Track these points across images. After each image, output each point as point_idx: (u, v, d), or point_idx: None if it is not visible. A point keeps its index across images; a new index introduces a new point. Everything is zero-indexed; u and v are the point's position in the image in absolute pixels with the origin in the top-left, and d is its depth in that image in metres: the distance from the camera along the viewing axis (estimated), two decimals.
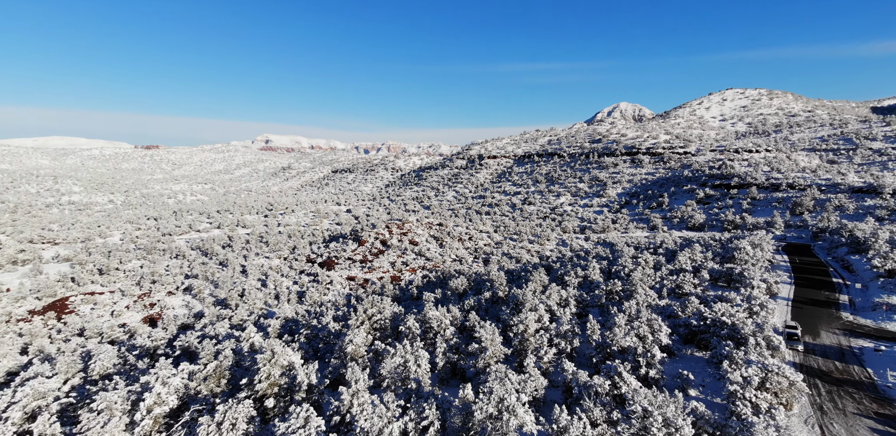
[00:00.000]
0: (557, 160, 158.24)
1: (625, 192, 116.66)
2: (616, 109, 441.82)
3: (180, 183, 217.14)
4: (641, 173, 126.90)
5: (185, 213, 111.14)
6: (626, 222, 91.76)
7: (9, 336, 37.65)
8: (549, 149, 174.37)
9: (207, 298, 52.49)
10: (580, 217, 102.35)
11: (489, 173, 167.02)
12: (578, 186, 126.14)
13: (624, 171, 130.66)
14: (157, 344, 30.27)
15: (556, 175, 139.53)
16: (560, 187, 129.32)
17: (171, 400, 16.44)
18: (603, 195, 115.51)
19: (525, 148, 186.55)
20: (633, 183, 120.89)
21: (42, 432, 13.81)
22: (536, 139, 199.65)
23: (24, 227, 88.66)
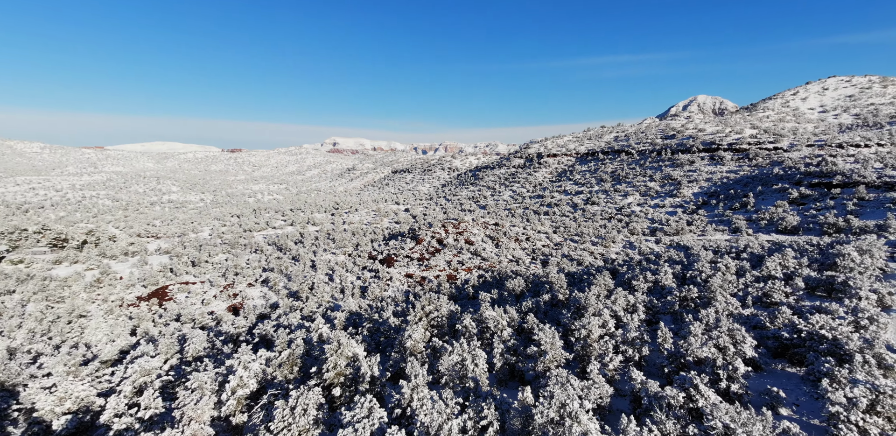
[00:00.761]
0: (625, 158, 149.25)
1: (702, 191, 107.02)
2: (693, 102, 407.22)
3: (259, 183, 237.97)
4: (722, 171, 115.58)
5: (263, 211, 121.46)
6: (703, 224, 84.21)
7: (121, 319, 43.81)
8: (615, 146, 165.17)
9: (282, 290, 56.84)
10: (650, 218, 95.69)
11: (548, 172, 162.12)
12: (648, 185, 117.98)
13: (701, 168, 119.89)
14: (239, 331, 33.43)
15: (624, 173, 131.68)
16: (627, 186, 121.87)
17: (251, 383, 17.85)
18: (676, 195, 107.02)
19: (588, 145, 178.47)
20: (711, 182, 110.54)
21: (147, 405, 15.77)
22: (601, 136, 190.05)
23: (133, 222, 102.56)
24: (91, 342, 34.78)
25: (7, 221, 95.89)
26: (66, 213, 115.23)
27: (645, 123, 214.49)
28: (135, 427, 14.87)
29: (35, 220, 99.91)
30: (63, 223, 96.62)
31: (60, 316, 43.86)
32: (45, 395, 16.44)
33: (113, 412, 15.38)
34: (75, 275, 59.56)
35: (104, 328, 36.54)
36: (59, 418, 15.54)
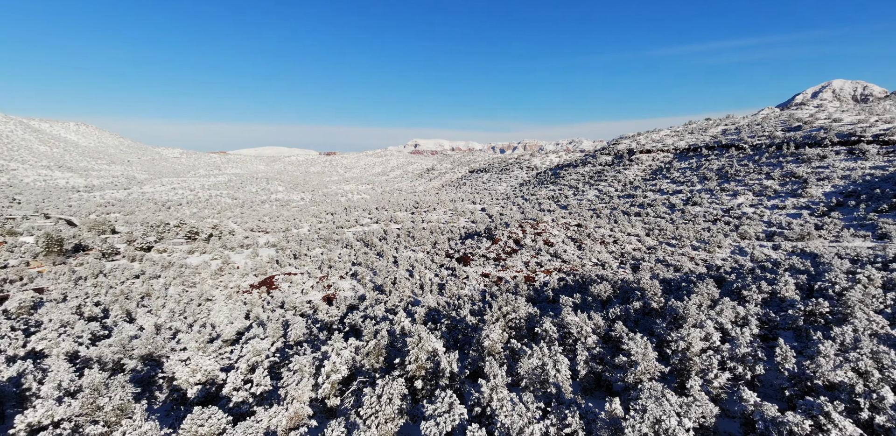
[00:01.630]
0: (735, 153, 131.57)
1: (836, 190, 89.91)
2: (826, 88, 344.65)
3: (350, 183, 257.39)
4: (864, 167, 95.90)
5: (352, 209, 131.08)
6: (836, 229, 70.90)
7: (238, 304, 50.56)
8: (723, 140, 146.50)
9: (368, 284, 60.70)
10: (766, 221, 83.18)
11: (641, 170, 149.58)
12: (765, 184, 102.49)
13: (835, 164, 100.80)
14: (332, 320, 36.49)
15: (733, 170, 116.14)
16: (738, 185, 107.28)
17: (343, 369, 19.24)
18: (801, 194, 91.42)
19: (690, 140, 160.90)
20: (849, 179, 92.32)
21: (259, 382, 17.92)
22: (705, 129, 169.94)
23: (247, 218, 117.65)
24: (215, 323, 40.68)
25: (155, 215, 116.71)
26: (196, 209, 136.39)
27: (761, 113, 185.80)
28: (249, 401, 16.99)
29: (175, 215, 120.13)
30: (195, 218, 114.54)
31: (193, 299, 52.00)
32: (181, 366, 19.57)
33: (232, 386, 17.75)
34: (203, 263, 70.15)
35: (225, 311, 42.52)
36: (192, 387, 18.39)
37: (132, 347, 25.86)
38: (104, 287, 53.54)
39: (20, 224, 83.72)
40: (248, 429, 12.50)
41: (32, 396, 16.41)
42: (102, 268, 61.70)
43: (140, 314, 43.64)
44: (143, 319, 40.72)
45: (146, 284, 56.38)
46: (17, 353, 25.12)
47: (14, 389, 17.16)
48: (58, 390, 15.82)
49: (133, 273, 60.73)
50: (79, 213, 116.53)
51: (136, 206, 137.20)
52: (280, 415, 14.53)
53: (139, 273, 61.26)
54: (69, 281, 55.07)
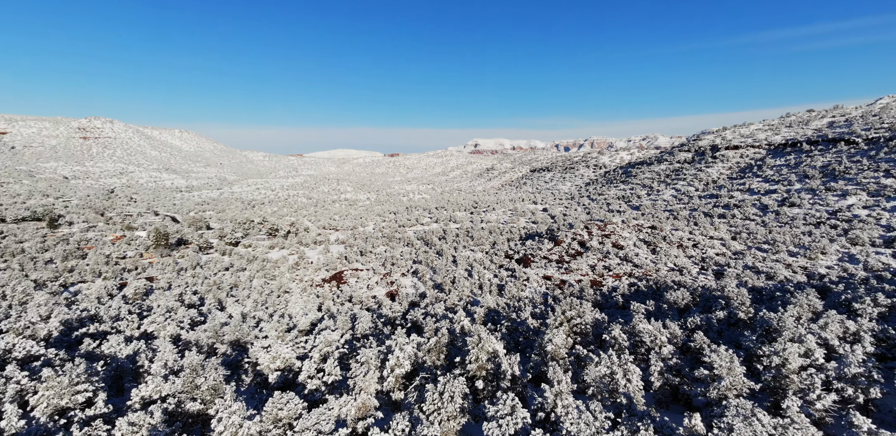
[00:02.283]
0: (844, 148, 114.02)
1: None
2: None
3: (411, 184, 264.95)
4: None
5: (413, 209, 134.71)
6: None
7: (311, 296, 54.35)
8: (828, 133, 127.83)
9: (428, 282, 61.95)
10: (884, 224, 71.21)
11: (726, 167, 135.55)
12: (882, 183, 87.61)
13: None
14: (395, 315, 37.80)
15: (842, 168, 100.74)
16: (848, 184, 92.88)
17: (406, 364, 19.76)
18: None
19: (787, 134, 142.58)
20: None
21: (330, 371, 19.04)
22: (807, 122, 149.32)
23: (320, 217, 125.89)
24: (292, 314, 44.08)
25: (242, 213, 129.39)
26: (277, 208, 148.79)
27: (879, 103, 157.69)
28: (322, 389, 18.14)
29: (258, 213, 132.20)
30: (275, 216, 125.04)
31: (273, 291, 56.82)
32: (263, 353, 21.43)
33: (307, 374, 19.07)
34: (282, 258, 76.34)
35: (300, 303, 45.95)
36: (272, 373, 20.08)
37: (223, 333, 28.87)
38: (200, 278, 60.49)
39: (136, 220, 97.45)
40: (322, 416, 13.32)
41: (145, 372, 19.05)
42: (199, 260, 69.72)
43: (229, 303, 48.58)
44: (231, 308, 45.29)
45: (234, 276, 62.69)
46: (133, 334, 29.26)
47: (130, 365, 20.03)
48: (164, 368, 18.18)
49: (223, 266, 67.86)
50: (181, 210, 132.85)
51: (226, 204, 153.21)
52: (349, 405, 15.31)
53: (228, 266, 68.29)
54: (173, 271, 63.00)
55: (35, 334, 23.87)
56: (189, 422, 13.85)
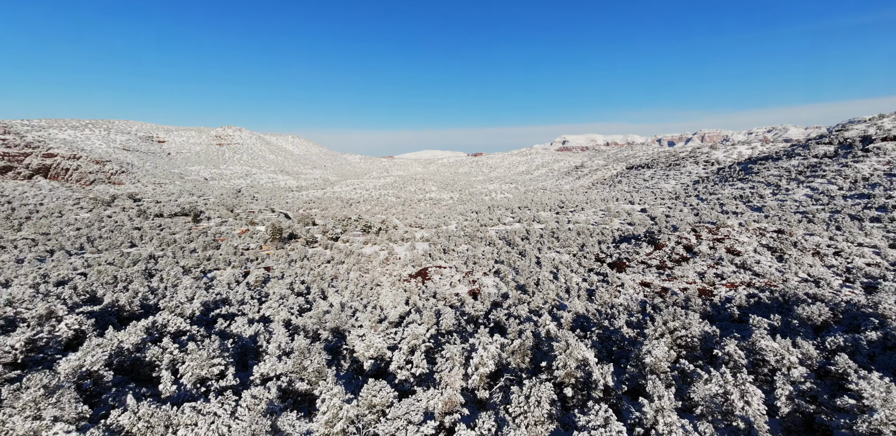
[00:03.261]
0: None
1: None
2: None
3: (493, 183, 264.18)
4: None
5: (495, 208, 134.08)
6: None
7: (399, 291, 57.34)
8: None
9: (510, 282, 61.10)
10: None
11: (882, 162, 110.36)
12: None
13: None
14: (477, 314, 38.04)
15: None
16: None
17: (489, 364, 19.70)
18: None
19: None
20: None
21: (417, 364, 19.81)
22: None
23: (407, 215, 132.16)
24: (383, 306, 46.98)
25: (341, 211, 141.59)
26: (370, 206, 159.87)
27: None
28: (410, 381, 18.97)
29: (354, 211, 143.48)
30: (368, 214, 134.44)
31: (366, 283, 61.15)
32: (359, 341, 23.09)
33: (397, 365, 20.09)
34: (374, 253, 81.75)
35: (390, 296, 48.77)
36: (367, 361, 21.56)
37: (325, 320, 31.83)
38: (307, 269, 67.60)
39: (257, 216, 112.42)
40: (411, 406, 13.91)
41: (263, 352, 21.85)
42: (306, 253, 77.93)
43: (330, 293, 53.47)
44: (332, 298, 49.79)
45: (335, 268, 68.86)
46: (254, 316, 33.76)
47: (252, 344, 23.14)
48: (278, 349, 20.65)
49: (325, 258, 74.93)
50: (292, 207, 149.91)
51: (328, 203, 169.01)
52: (436, 398, 15.75)
53: (330, 259, 75.23)
54: (285, 262, 71.37)
55: (183, 312, 28.90)
56: (298, 400, 15.51)
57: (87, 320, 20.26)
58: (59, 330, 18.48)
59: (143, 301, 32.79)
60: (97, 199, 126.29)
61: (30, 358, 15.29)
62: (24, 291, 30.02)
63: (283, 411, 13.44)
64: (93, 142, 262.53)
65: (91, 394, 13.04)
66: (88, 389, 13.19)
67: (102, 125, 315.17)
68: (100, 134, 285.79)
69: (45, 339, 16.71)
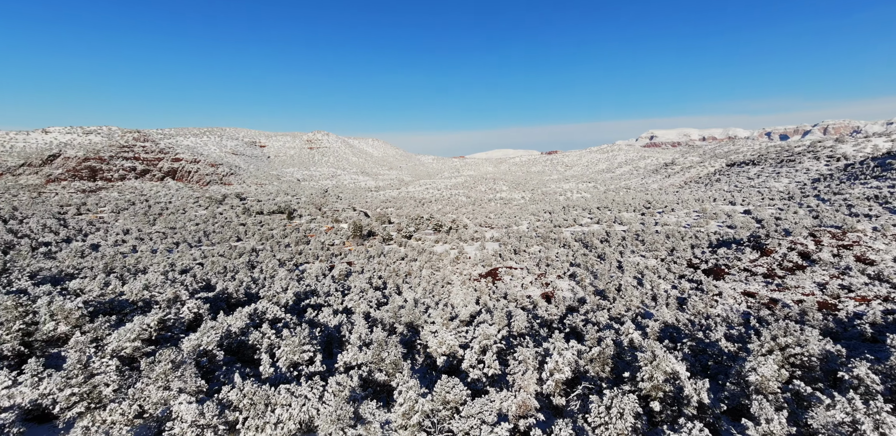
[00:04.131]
0: None
1: None
2: None
3: (569, 182, 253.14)
4: None
5: (571, 208, 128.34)
6: None
7: (470, 290, 57.65)
8: None
9: (588, 287, 58.02)
10: None
11: None
12: None
13: None
14: (551, 318, 36.73)
15: None
16: None
17: (566, 370, 18.89)
18: None
19: None
20: None
21: (489, 364, 19.68)
22: None
23: (477, 214, 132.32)
24: (454, 304, 47.60)
25: (414, 210, 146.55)
26: (441, 206, 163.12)
27: None
28: (483, 380, 18.93)
29: (426, 210, 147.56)
30: (439, 214, 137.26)
31: (438, 281, 62.47)
32: (431, 337, 23.62)
33: (469, 363, 20.18)
34: (445, 252, 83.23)
35: (461, 295, 49.27)
36: (439, 357, 21.97)
37: (400, 314, 33.14)
38: (384, 265, 71.08)
39: (340, 214, 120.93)
40: (484, 406, 13.85)
41: (346, 342, 23.38)
42: (383, 250, 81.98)
43: (404, 289, 55.57)
44: (406, 293, 51.71)
45: (408, 265, 71.47)
46: (338, 308, 36.31)
47: (337, 334, 24.91)
48: (359, 340, 21.93)
49: (400, 256, 78.07)
50: (370, 207, 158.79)
51: (403, 202, 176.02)
52: (510, 400, 15.50)
53: (404, 256, 78.24)
54: (365, 258, 75.78)
55: (279, 301, 32.10)
56: (377, 390, 16.31)
57: (204, 305, 23.45)
58: (183, 313, 21.61)
59: (246, 290, 37.08)
60: (211, 197, 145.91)
61: (161, 336, 18.11)
62: (157, 278, 35.68)
63: (364, 399, 14.21)
64: (209, 147, 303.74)
65: (206, 370, 15.03)
66: (205, 366, 15.22)
67: (217, 132, 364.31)
68: (214, 140, 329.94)
69: (172, 320, 19.67)
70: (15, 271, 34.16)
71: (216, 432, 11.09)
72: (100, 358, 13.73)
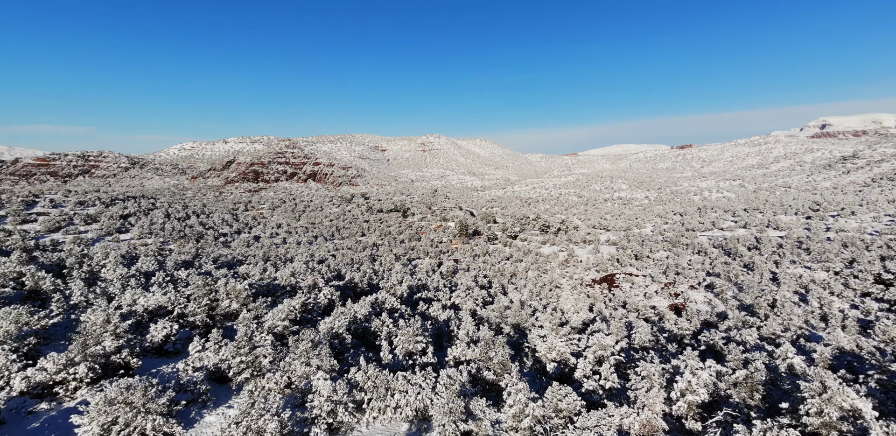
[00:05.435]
0: None
1: None
2: None
3: (707, 180, 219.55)
4: None
5: (709, 210, 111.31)
6: None
7: (581, 296, 54.22)
8: None
9: (730, 300, 49.68)
10: None
11: None
12: None
13: None
14: (682, 333, 32.32)
15: None
16: None
17: (701, 392, 16.52)
18: None
19: None
20: None
21: (606, 376, 18.18)
22: None
23: (590, 216, 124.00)
24: (563, 309, 45.37)
25: (520, 210, 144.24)
26: (549, 206, 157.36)
27: None
28: (599, 393, 17.58)
29: (533, 210, 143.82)
30: (547, 214, 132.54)
31: (545, 284, 60.34)
32: (540, 342, 22.80)
33: (582, 373, 18.95)
34: (553, 254, 79.95)
35: (571, 300, 46.68)
36: (549, 363, 21.10)
37: (506, 315, 32.86)
38: (488, 264, 71.55)
39: (448, 213, 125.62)
40: (602, 420, 12.83)
41: (454, 337, 24.05)
42: (488, 249, 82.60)
43: (510, 290, 55.05)
44: (511, 294, 51.14)
45: (513, 266, 70.65)
46: (446, 303, 37.66)
47: (445, 328, 25.78)
48: (467, 336, 22.34)
49: (505, 256, 77.64)
50: (476, 206, 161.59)
51: (508, 202, 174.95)
52: (632, 417, 14.09)
53: (509, 256, 77.60)
54: (470, 256, 77.35)
55: (395, 293, 34.68)
56: (486, 388, 16.38)
57: (335, 292, 26.56)
58: (320, 298, 24.78)
59: (369, 280, 40.98)
60: (342, 197, 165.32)
61: (303, 317, 21.03)
62: (300, 266, 41.72)
63: (474, 395, 14.37)
64: (341, 152, 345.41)
65: (337, 351, 16.93)
66: (336, 347, 17.16)
67: (347, 139, 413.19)
68: (345, 146, 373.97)
69: (312, 304, 22.68)
70: (203, 256, 43.49)
71: (347, 409, 12.37)
72: (259, 333, 16.51)
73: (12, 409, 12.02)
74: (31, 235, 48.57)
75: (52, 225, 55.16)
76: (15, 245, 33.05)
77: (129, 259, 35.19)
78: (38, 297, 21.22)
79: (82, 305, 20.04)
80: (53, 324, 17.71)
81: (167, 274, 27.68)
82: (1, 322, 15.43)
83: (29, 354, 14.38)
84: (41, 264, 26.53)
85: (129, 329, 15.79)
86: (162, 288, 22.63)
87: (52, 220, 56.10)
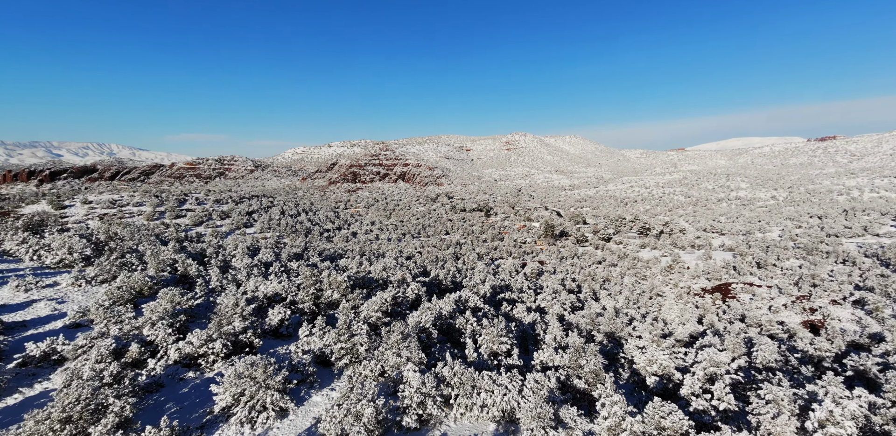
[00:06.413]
0: None
1: None
2: None
3: (857, 177, 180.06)
4: None
5: (858, 212, 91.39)
6: None
7: (689, 306, 48.45)
8: None
9: (888, 320, 40.22)
10: None
11: None
12: None
13: None
14: (820, 354, 27.00)
15: None
16: None
17: (847, 426, 13.72)
18: None
19: None
20: None
21: (720, 396, 15.99)
22: None
23: (699, 217, 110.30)
24: (666, 319, 41.09)
25: (614, 211, 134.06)
26: (649, 206, 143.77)
27: None
28: (711, 413, 15.55)
29: (630, 211, 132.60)
30: (647, 215, 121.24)
31: (644, 291, 55.29)
32: (638, 353, 20.90)
33: (689, 390, 16.92)
34: (654, 259, 72.85)
35: (676, 310, 42.00)
36: (650, 376, 19.24)
37: (598, 322, 30.83)
38: (577, 267, 67.90)
39: (533, 213, 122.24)
40: None
41: (540, 341, 23.24)
42: (577, 251, 78.45)
43: (602, 296, 51.59)
44: (604, 301, 47.86)
45: (606, 270, 66.03)
46: (531, 305, 36.60)
47: (531, 331, 25.04)
48: (554, 341, 21.40)
49: (596, 259, 72.94)
50: (563, 206, 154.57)
51: (600, 202, 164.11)
52: None
53: (601, 260, 72.73)
54: (556, 258, 74.26)
55: (478, 292, 34.76)
56: (577, 397, 15.53)
57: (422, 288, 27.51)
58: (408, 293, 25.90)
59: (452, 278, 41.74)
60: (428, 196, 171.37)
61: (393, 310, 22.17)
62: (391, 261, 44.18)
63: (564, 403, 13.72)
64: (428, 153, 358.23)
65: (424, 345, 17.49)
66: (423, 341, 17.74)
67: (434, 140, 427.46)
68: (432, 147, 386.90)
69: (401, 298, 23.81)
70: (310, 250, 48.50)
71: (435, 402, 12.71)
72: (356, 322, 17.79)
73: (169, 375, 14.70)
74: (182, 227, 59.38)
75: (196, 220, 66.62)
76: (171, 236, 40.55)
77: (253, 250, 40.81)
78: (186, 281, 25.69)
79: (218, 289, 23.74)
80: (197, 305, 21.24)
81: (282, 265, 31.54)
82: (161, 301, 18.99)
83: (180, 329, 17.38)
84: (189, 253, 32.11)
85: (252, 312, 18.27)
86: (278, 277, 25.80)
87: (197, 215, 67.73)
